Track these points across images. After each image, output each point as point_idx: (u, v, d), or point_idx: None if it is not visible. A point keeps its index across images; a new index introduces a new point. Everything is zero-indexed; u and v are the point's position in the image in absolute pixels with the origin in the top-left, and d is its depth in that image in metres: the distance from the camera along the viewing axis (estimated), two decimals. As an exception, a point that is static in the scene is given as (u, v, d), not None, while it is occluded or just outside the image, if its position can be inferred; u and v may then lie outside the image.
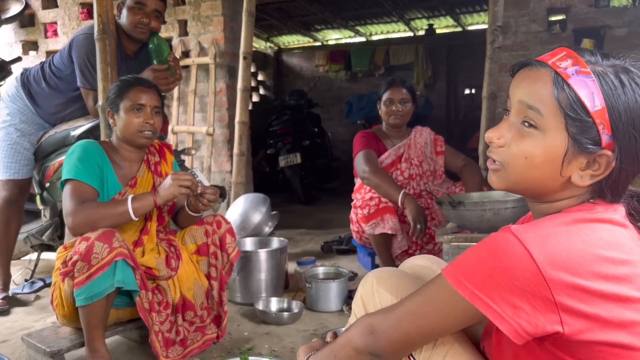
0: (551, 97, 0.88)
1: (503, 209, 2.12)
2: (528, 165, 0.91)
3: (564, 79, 0.88)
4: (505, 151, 0.94)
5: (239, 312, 2.59)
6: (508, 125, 0.94)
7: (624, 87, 0.87)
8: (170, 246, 2.17)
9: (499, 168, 0.96)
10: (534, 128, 0.90)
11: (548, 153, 0.90)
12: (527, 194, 0.97)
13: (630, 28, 3.34)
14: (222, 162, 4.39)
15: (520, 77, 0.95)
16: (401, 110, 3.00)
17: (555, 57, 0.91)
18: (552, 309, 0.80)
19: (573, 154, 0.89)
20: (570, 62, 0.89)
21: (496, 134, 0.95)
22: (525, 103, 0.91)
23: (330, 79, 8.45)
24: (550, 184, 0.92)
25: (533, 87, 0.90)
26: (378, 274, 1.14)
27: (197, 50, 4.36)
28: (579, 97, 0.86)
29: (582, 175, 0.90)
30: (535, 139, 0.90)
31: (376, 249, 2.93)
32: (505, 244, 0.84)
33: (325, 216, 5.17)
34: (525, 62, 0.96)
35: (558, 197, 0.94)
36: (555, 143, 0.89)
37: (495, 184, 0.99)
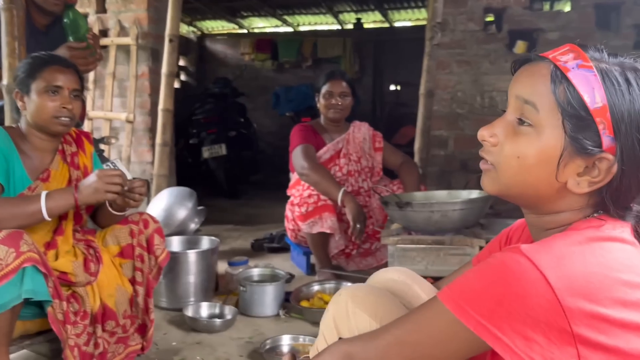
0: (548, 91, 0.81)
1: (451, 211, 2.07)
2: (520, 166, 0.83)
3: (562, 72, 0.80)
4: (497, 150, 0.86)
5: (165, 318, 2.37)
6: (503, 123, 0.87)
7: (630, 86, 0.79)
8: (88, 248, 1.92)
9: (491, 169, 0.88)
10: (529, 126, 0.82)
11: (542, 153, 0.81)
12: (521, 200, 0.88)
13: (562, 32, 3.43)
14: (142, 152, 4.08)
15: (520, 72, 0.87)
16: (341, 103, 2.91)
17: (558, 51, 0.84)
18: (568, 342, 0.71)
19: (570, 155, 0.80)
20: (572, 55, 0.82)
21: (488, 132, 0.87)
22: (522, 98, 0.83)
23: (256, 68, 8.20)
24: (544, 189, 0.84)
25: (529, 80, 0.83)
26: (353, 292, 1.00)
27: (117, 30, 4.01)
28: (577, 91, 0.79)
29: (580, 181, 0.82)
30: (530, 138, 0.82)
31: (312, 248, 2.81)
32: (517, 268, 0.73)
33: (252, 211, 4.99)
34: (526, 58, 0.88)
35: (555, 207, 0.85)
36: (550, 142, 0.81)
37: (486, 187, 0.90)
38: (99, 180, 1.67)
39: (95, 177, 1.68)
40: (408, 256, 2.14)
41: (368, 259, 2.91)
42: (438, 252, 2.12)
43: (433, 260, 2.13)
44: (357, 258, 2.91)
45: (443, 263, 2.12)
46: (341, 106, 2.91)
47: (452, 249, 2.12)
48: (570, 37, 3.42)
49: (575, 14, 3.45)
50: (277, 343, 2.06)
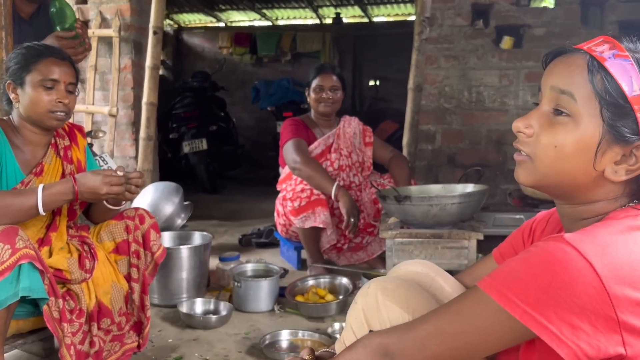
0: (585, 80, 0.81)
1: (450, 204, 2.08)
2: (558, 155, 0.84)
3: (599, 62, 0.81)
4: (533, 141, 0.87)
5: (158, 315, 2.33)
6: (538, 114, 0.87)
7: None
8: (83, 244, 1.87)
9: (526, 160, 0.88)
10: (566, 116, 0.83)
11: (580, 142, 0.82)
12: (557, 190, 0.89)
13: (547, 28, 3.48)
14: (125, 146, 3.99)
15: (553, 64, 0.88)
16: (331, 97, 2.89)
17: (592, 43, 0.85)
18: (614, 329, 0.72)
19: (608, 143, 0.81)
20: (607, 46, 0.83)
21: (524, 123, 0.88)
22: (558, 88, 0.84)
23: (234, 62, 8.11)
24: (582, 178, 0.84)
25: (566, 71, 0.84)
26: (382, 284, 0.99)
27: (99, 21, 3.91)
28: (615, 80, 0.80)
29: (617, 170, 0.83)
30: (567, 127, 0.83)
31: (304, 242, 2.80)
32: (563, 256, 0.73)
33: (234, 206, 4.94)
34: (559, 50, 0.88)
35: (591, 196, 0.86)
36: (588, 131, 0.82)
37: (522, 178, 0.90)
38: (102, 185, 1.63)
39: (98, 180, 1.64)
40: (406, 250, 2.15)
41: (359, 253, 2.91)
42: (436, 245, 2.13)
43: (431, 253, 2.14)
44: (348, 252, 2.90)
45: (441, 256, 2.13)
46: (332, 100, 2.89)
47: (450, 242, 2.13)
48: (555, 33, 3.48)
49: (560, 10, 3.51)
50: (276, 338, 2.05)
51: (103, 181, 1.63)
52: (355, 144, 2.97)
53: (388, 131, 7.33)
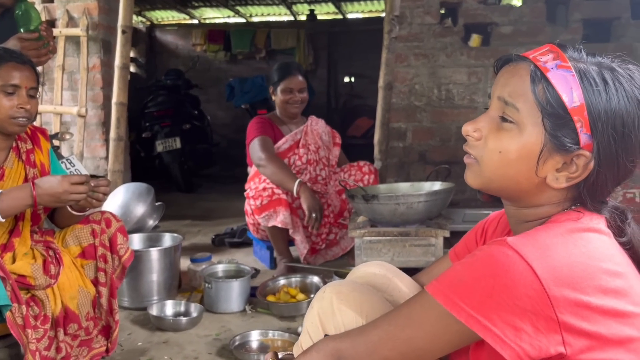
0: (528, 90, 0.84)
1: (416, 203, 2.10)
2: (502, 160, 0.87)
3: (542, 72, 0.83)
4: (481, 145, 0.89)
5: (128, 318, 2.31)
6: (486, 119, 0.90)
7: (607, 85, 0.83)
8: (48, 249, 1.84)
9: (474, 163, 0.91)
10: (511, 123, 0.86)
11: (523, 149, 0.85)
12: (503, 194, 0.92)
13: (514, 26, 3.53)
14: (95, 147, 3.94)
15: (501, 73, 0.91)
16: (300, 98, 2.91)
17: (538, 52, 0.87)
18: (554, 329, 0.74)
19: (549, 151, 0.84)
20: (552, 56, 0.85)
21: (473, 127, 0.90)
22: (503, 99, 0.87)
23: (208, 59, 8.04)
24: (525, 183, 0.87)
25: (510, 81, 0.87)
26: (337, 288, 1.01)
27: (66, 20, 3.84)
28: (556, 91, 0.82)
29: (558, 177, 0.85)
30: (512, 134, 0.86)
31: (272, 241, 2.81)
32: (505, 260, 0.76)
33: (209, 205, 4.91)
34: (508, 58, 0.91)
35: (535, 201, 0.89)
36: (531, 139, 0.84)
37: (469, 180, 0.93)
38: (64, 190, 1.60)
39: (60, 185, 1.60)
40: (374, 248, 2.17)
41: (334, 249, 2.95)
42: (404, 243, 2.16)
43: (399, 251, 2.17)
44: (324, 251, 2.92)
45: (409, 254, 2.16)
46: (301, 100, 2.92)
47: (417, 240, 2.16)
48: (522, 31, 3.53)
49: (527, 9, 3.55)
50: (247, 339, 2.05)
51: (64, 186, 1.61)
52: (323, 141, 3.00)
53: (364, 127, 7.37)
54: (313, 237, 2.83)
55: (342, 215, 2.87)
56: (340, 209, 2.85)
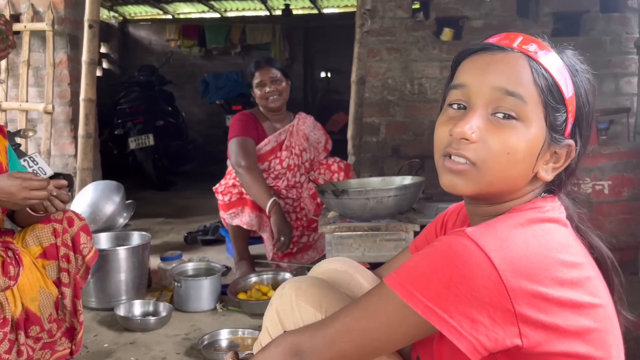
0: (532, 83, 0.79)
1: (386, 197, 2.09)
2: (510, 161, 0.80)
3: (539, 64, 0.80)
4: (480, 148, 0.80)
5: (95, 319, 2.26)
6: (479, 117, 0.81)
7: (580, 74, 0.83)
8: (6, 250, 1.78)
9: (468, 169, 0.81)
10: (514, 119, 0.79)
11: (530, 146, 0.80)
12: (494, 197, 0.85)
13: (485, 20, 3.54)
14: (64, 144, 3.85)
15: (484, 62, 0.82)
16: (276, 89, 2.80)
17: (516, 41, 0.82)
18: (511, 321, 0.73)
19: (547, 145, 0.82)
20: (536, 46, 0.81)
21: (468, 126, 0.79)
22: (504, 89, 0.79)
23: (183, 55, 7.95)
24: (521, 182, 0.84)
25: (510, 71, 0.80)
26: (296, 284, 0.99)
27: (30, 14, 3.74)
28: (557, 83, 0.80)
29: (547, 169, 0.84)
30: (517, 131, 0.79)
31: (232, 239, 2.77)
32: (463, 251, 0.74)
33: (183, 202, 4.85)
34: (481, 47, 0.84)
35: (518, 195, 0.86)
36: (537, 135, 0.80)
37: (462, 189, 0.83)
38: (20, 189, 1.55)
39: (15, 185, 1.55)
40: (345, 243, 2.15)
41: (309, 252, 2.88)
42: (374, 238, 2.14)
43: (370, 246, 2.15)
44: (299, 254, 2.85)
45: (379, 249, 2.15)
46: (277, 91, 2.80)
47: (388, 235, 2.14)
48: (493, 25, 3.55)
49: (497, 3, 3.57)
50: (215, 338, 2.02)
51: (22, 186, 1.56)
52: (310, 141, 2.92)
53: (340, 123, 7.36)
54: None
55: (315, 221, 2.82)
56: (314, 212, 2.81)
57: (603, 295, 0.81)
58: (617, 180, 2.83)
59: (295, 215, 2.81)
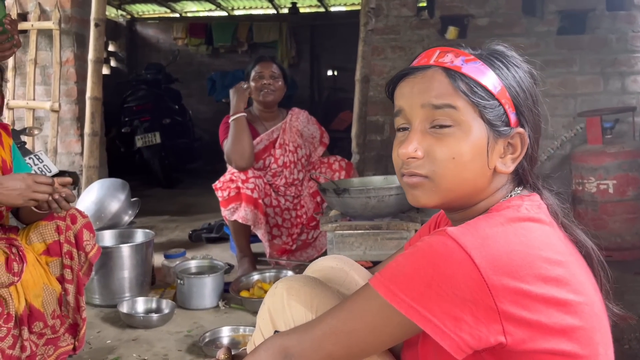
0: (452, 90, 0.84)
1: (387, 196, 2.09)
2: (457, 165, 0.84)
3: (456, 70, 0.84)
4: (427, 161, 0.86)
5: (98, 316, 2.29)
6: (418, 136, 0.86)
7: (506, 65, 0.87)
8: (10, 246, 1.80)
9: (423, 181, 0.86)
10: (450, 127, 0.84)
11: (474, 146, 0.84)
12: (460, 202, 0.89)
13: (491, 18, 3.52)
14: (70, 142, 3.88)
15: (408, 86, 0.88)
16: (272, 84, 2.81)
17: (433, 56, 0.88)
18: (494, 319, 0.74)
19: (494, 140, 0.85)
20: (452, 55, 0.87)
21: (411, 147, 0.86)
22: (430, 104, 0.85)
23: (190, 53, 7.99)
24: (480, 181, 0.87)
25: (431, 87, 0.85)
26: (289, 283, 0.99)
27: (38, 13, 3.77)
28: (478, 82, 0.84)
29: (505, 162, 0.87)
30: (456, 136, 0.84)
31: (233, 236, 2.79)
32: (444, 250, 0.75)
33: (189, 200, 4.87)
34: (404, 73, 0.90)
35: (485, 194, 0.89)
36: (476, 134, 0.84)
37: (422, 200, 0.88)
38: (26, 188, 1.57)
39: (22, 183, 1.57)
40: (347, 242, 2.16)
41: (308, 250, 2.89)
42: (376, 236, 2.15)
43: (371, 245, 2.16)
44: (298, 252, 2.86)
45: (381, 247, 2.15)
46: (273, 87, 2.81)
47: (389, 233, 2.15)
48: (498, 22, 3.53)
49: (503, 0, 3.54)
50: (217, 335, 2.04)
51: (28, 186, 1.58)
52: (305, 137, 2.93)
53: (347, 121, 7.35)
54: (283, 237, 2.80)
55: (314, 218, 2.82)
56: (313, 211, 2.81)
57: (590, 292, 0.81)
58: (622, 179, 2.81)
59: (295, 212, 2.82)
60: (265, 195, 2.71)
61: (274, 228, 2.78)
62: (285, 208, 2.77)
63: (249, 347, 1.04)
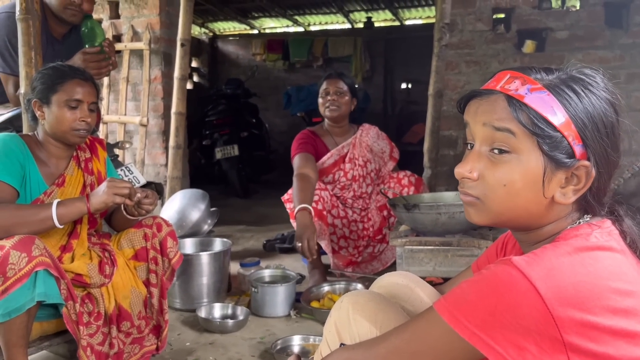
0: (513, 119, 0.84)
1: (458, 212, 2.09)
2: (508, 192, 0.86)
3: (518, 100, 0.84)
4: (480, 184, 0.88)
5: (179, 319, 2.42)
6: (476, 157, 0.89)
7: (579, 95, 0.84)
8: (104, 251, 1.97)
9: (475, 202, 0.90)
10: (507, 153, 0.85)
11: (527, 176, 0.85)
12: (514, 224, 0.91)
13: (570, 31, 3.42)
14: (156, 154, 4.14)
15: (474, 107, 0.90)
16: (337, 100, 2.88)
17: (501, 81, 0.87)
18: (559, 349, 0.73)
19: (551, 171, 0.84)
20: (519, 82, 0.86)
21: (466, 168, 0.89)
22: (491, 125, 0.86)
23: (267, 68, 8.25)
24: (535, 208, 0.87)
25: (493, 109, 0.86)
26: (354, 298, 1.04)
27: (130, 35, 4.08)
28: (539, 114, 0.83)
29: (565, 192, 0.86)
30: (511, 164, 0.85)
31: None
32: (508, 279, 0.76)
33: (264, 210, 5.03)
34: (472, 94, 0.92)
35: (546, 220, 0.89)
36: (531, 164, 0.84)
37: (474, 218, 0.92)
38: (107, 189, 1.73)
39: (104, 186, 1.73)
40: (416, 257, 2.17)
41: (374, 263, 2.91)
42: (446, 253, 2.15)
43: (441, 261, 2.16)
44: (363, 264, 2.90)
45: (451, 264, 2.15)
46: (337, 103, 2.87)
47: (460, 250, 2.14)
48: (579, 35, 3.41)
49: (584, 12, 3.43)
50: (288, 343, 2.10)
51: (109, 187, 1.73)
52: (374, 152, 2.97)
53: (420, 134, 7.28)
54: (349, 249, 2.84)
55: (381, 231, 2.84)
56: (380, 225, 2.84)
57: None
58: None
59: (362, 225, 2.86)
60: (332, 207, 2.77)
61: (340, 239, 2.83)
62: (353, 220, 2.82)
63: (316, 357, 1.09)
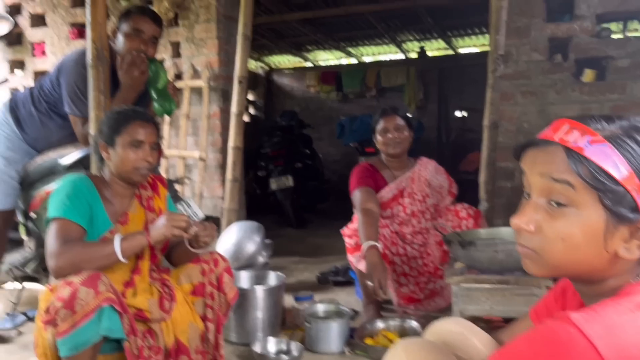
0: (572, 172, 0.81)
1: (515, 250, 2.03)
2: (567, 247, 0.83)
3: (578, 152, 0.81)
4: (537, 236, 0.86)
5: (234, 352, 2.46)
6: (533, 208, 0.86)
7: None
8: (164, 286, 2.04)
9: (532, 254, 0.87)
10: (565, 206, 0.82)
11: (587, 230, 0.82)
12: (574, 276, 0.88)
13: (633, 59, 3.31)
14: (214, 187, 4.27)
15: (531, 157, 0.88)
16: (397, 137, 2.87)
17: (559, 131, 0.84)
18: None
19: (614, 226, 0.81)
20: (578, 133, 0.82)
21: (523, 220, 0.87)
22: (550, 176, 0.83)
23: (321, 99, 8.40)
24: (596, 262, 0.84)
25: (551, 162, 0.83)
26: (407, 345, 1.04)
27: (190, 73, 4.26)
28: (601, 168, 0.79)
29: (629, 247, 0.82)
30: (570, 218, 0.82)
31: (360, 282, 2.82)
32: (566, 338, 0.73)
33: (318, 241, 5.05)
34: (529, 142, 0.89)
35: (609, 274, 0.85)
36: (592, 218, 0.81)
37: (532, 271, 0.89)
38: (166, 222, 1.80)
39: (163, 219, 1.81)
40: (472, 296, 2.12)
41: (436, 299, 2.85)
42: (503, 292, 2.09)
43: (498, 300, 2.09)
44: (426, 301, 2.83)
45: (509, 303, 2.08)
46: (398, 139, 2.86)
47: (518, 289, 2.07)
48: (641, 63, 3.30)
49: (647, 39, 3.33)
50: (342, 381, 2.09)
51: (168, 220, 1.80)
52: (433, 187, 2.94)
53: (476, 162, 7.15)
54: (410, 286, 2.80)
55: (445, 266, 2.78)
56: (440, 260, 2.79)
57: None
58: None
59: (422, 261, 2.82)
60: (392, 244, 2.75)
61: (401, 276, 2.80)
62: (412, 256, 2.78)
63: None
